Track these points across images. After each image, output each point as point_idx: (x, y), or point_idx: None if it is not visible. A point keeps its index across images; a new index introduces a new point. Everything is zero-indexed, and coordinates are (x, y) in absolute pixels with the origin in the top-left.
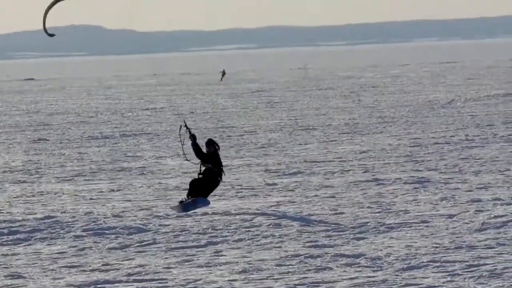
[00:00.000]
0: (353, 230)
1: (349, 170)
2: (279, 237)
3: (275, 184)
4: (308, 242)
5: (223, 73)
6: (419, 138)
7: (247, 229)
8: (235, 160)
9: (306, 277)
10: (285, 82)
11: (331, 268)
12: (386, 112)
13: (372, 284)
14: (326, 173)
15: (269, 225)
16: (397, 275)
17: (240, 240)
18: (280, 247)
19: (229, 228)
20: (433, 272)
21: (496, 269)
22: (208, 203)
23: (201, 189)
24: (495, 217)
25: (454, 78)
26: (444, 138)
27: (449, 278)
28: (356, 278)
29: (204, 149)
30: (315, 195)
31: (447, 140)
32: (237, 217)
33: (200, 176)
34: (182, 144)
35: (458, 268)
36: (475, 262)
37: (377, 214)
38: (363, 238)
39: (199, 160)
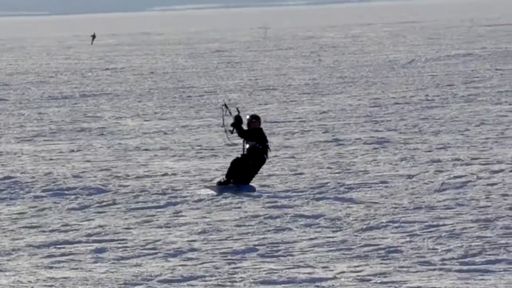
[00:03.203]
0: (313, 190)
1: (309, 131)
2: (239, 197)
3: (235, 144)
4: (267, 202)
5: (93, 37)
6: (379, 98)
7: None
8: (195, 121)
9: (266, 238)
10: (245, 42)
11: (290, 229)
12: (346, 72)
13: (332, 245)
14: (286, 134)
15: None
16: (356, 236)
17: (200, 200)
18: (239, 207)
19: (188, 188)
20: (392, 233)
21: (455, 229)
22: (254, 189)
23: (244, 169)
24: (455, 177)
25: (415, 38)
26: (404, 98)
27: (408, 239)
28: (316, 238)
29: (245, 126)
30: (275, 156)
31: (407, 100)
32: (197, 177)
33: (244, 155)
34: (224, 126)
35: (417, 229)
36: (434, 223)
37: (337, 175)
38: (322, 199)
39: (242, 139)
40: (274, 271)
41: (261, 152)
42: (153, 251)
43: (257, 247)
